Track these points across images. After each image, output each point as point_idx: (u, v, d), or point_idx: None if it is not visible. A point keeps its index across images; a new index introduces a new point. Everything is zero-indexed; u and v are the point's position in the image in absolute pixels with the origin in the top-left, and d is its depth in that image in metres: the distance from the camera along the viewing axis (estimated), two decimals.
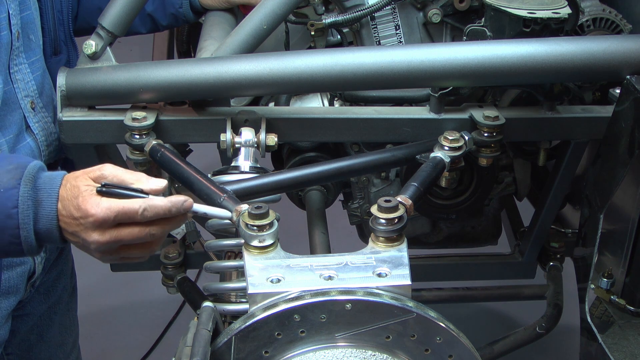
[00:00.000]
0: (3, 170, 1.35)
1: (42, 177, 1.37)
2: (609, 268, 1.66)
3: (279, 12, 1.82)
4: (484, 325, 3.36)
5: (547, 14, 1.66)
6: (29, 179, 1.35)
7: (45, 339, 2.01)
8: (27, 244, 1.35)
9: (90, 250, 1.37)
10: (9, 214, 1.33)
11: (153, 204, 1.34)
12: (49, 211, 1.34)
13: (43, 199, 1.34)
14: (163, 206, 1.34)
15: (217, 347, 1.31)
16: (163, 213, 1.34)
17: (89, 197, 1.33)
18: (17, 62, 1.67)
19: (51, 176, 1.38)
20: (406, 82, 1.70)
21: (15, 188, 1.33)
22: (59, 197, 1.35)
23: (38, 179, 1.36)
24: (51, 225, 1.35)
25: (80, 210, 1.32)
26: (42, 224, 1.35)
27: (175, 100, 1.78)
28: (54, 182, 1.36)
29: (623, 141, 1.53)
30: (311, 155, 2.09)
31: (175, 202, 1.35)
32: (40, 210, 1.34)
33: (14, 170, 1.35)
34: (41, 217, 1.35)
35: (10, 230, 1.33)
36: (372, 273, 1.35)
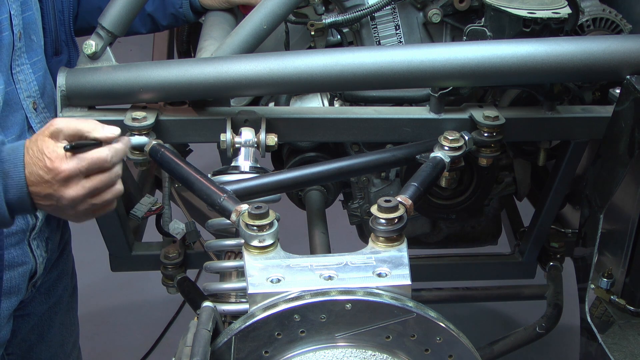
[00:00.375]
0: None
1: (5, 150, 1.41)
2: (609, 268, 1.66)
3: (279, 12, 1.82)
4: (484, 325, 3.36)
5: (547, 14, 1.66)
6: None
7: (46, 339, 2.01)
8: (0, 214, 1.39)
9: (65, 208, 1.42)
10: None
11: (116, 148, 1.43)
12: (18, 180, 1.39)
13: (9, 170, 1.39)
14: (122, 148, 1.44)
15: (217, 347, 1.31)
16: (123, 153, 1.44)
17: (55, 156, 1.37)
18: (19, 63, 1.67)
19: (13, 147, 1.42)
20: (406, 82, 1.70)
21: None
22: (24, 164, 1.39)
23: (1, 151, 1.40)
24: (21, 194, 1.39)
25: (50, 171, 1.37)
26: (12, 194, 1.39)
27: (175, 100, 1.78)
28: (17, 151, 1.41)
29: (623, 141, 1.53)
30: (311, 155, 2.09)
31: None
32: (9, 181, 1.39)
33: None
34: (10, 187, 1.39)
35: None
36: (372, 273, 1.35)
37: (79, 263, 2.17)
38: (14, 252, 1.70)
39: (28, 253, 1.74)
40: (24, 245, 1.72)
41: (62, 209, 1.42)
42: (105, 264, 2.28)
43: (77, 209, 1.43)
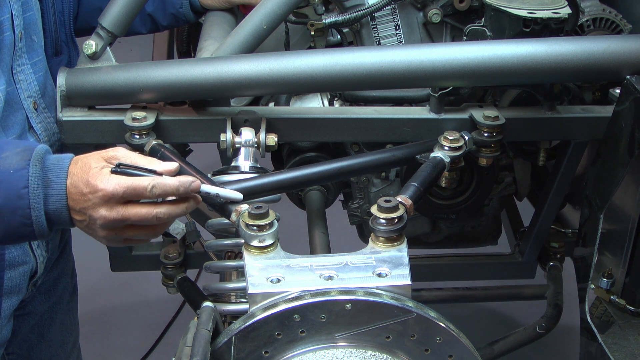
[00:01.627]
0: (11, 153, 1.37)
1: (50, 159, 1.39)
2: (609, 268, 1.66)
3: (279, 12, 1.82)
4: (484, 325, 3.36)
5: (547, 14, 1.66)
6: (38, 160, 1.37)
7: (46, 339, 2.01)
8: (38, 225, 1.37)
9: (96, 229, 1.38)
10: (20, 194, 1.34)
11: (162, 181, 1.36)
12: (58, 190, 1.36)
13: (52, 179, 1.36)
14: (171, 184, 1.37)
15: (217, 347, 1.31)
16: (171, 191, 1.37)
17: (99, 174, 1.35)
18: (19, 63, 1.67)
19: (59, 157, 1.40)
20: (406, 82, 1.70)
21: (25, 169, 1.35)
22: (67, 175, 1.36)
23: (46, 160, 1.38)
24: (60, 205, 1.36)
25: (90, 185, 1.34)
26: (51, 204, 1.36)
27: (175, 100, 1.78)
28: (62, 162, 1.38)
29: (623, 141, 1.53)
30: (311, 155, 2.09)
31: (184, 181, 1.38)
32: (50, 190, 1.36)
33: (22, 152, 1.37)
34: (51, 197, 1.36)
35: (21, 210, 1.35)
36: (372, 273, 1.35)
37: (79, 263, 2.17)
38: (15, 252, 1.70)
39: (29, 252, 1.74)
40: (24, 244, 1.72)
41: (92, 227, 1.39)
42: (105, 264, 2.28)
43: (108, 233, 1.39)
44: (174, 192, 1.37)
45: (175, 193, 1.37)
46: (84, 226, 1.40)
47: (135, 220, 1.37)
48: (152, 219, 1.38)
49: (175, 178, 1.38)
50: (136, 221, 1.37)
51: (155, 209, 1.37)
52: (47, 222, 1.38)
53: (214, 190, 1.44)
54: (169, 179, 1.37)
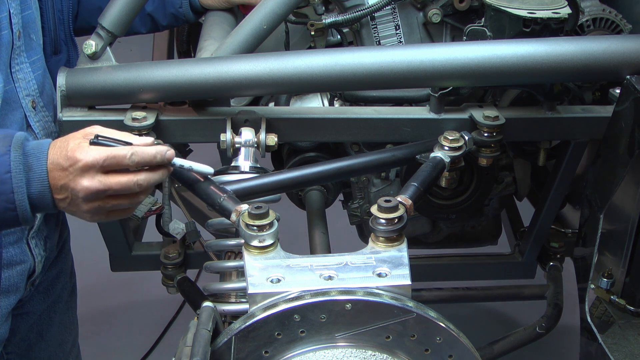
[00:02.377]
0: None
1: (30, 144, 1.41)
2: (609, 268, 1.66)
3: (279, 12, 1.82)
4: (484, 325, 3.36)
5: (547, 14, 1.66)
6: (18, 145, 1.38)
7: (45, 338, 2.01)
8: (21, 209, 1.38)
9: (79, 203, 1.39)
10: (2, 179, 1.36)
11: (140, 149, 1.39)
12: (40, 173, 1.38)
13: (33, 163, 1.38)
14: (149, 152, 1.40)
15: (217, 347, 1.31)
16: (149, 158, 1.40)
17: (78, 147, 1.37)
18: (18, 62, 1.67)
19: (39, 142, 1.42)
20: (406, 82, 1.70)
21: (6, 154, 1.37)
22: (47, 158, 1.38)
23: (26, 145, 1.40)
24: (43, 188, 1.38)
25: (69, 158, 1.36)
26: (34, 188, 1.38)
27: (175, 100, 1.78)
28: (42, 146, 1.40)
29: (623, 141, 1.53)
30: (311, 155, 2.09)
31: (160, 149, 1.41)
32: (31, 174, 1.38)
33: (1, 139, 1.39)
34: (33, 181, 1.38)
35: (4, 195, 1.36)
36: (372, 273, 1.35)
37: (79, 263, 2.17)
38: (13, 251, 1.70)
39: (26, 252, 1.74)
40: (22, 244, 1.72)
41: (75, 203, 1.40)
42: (105, 264, 2.28)
43: (91, 205, 1.40)
44: (151, 160, 1.40)
45: (152, 160, 1.40)
46: (67, 204, 1.41)
47: (117, 188, 1.38)
48: (133, 186, 1.40)
49: (152, 147, 1.42)
50: (118, 190, 1.39)
51: (136, 176, 1.40)
52: (30, 206, 1.39)
53: (186, 164, 1.48)
54: (147, 148, 1.41)
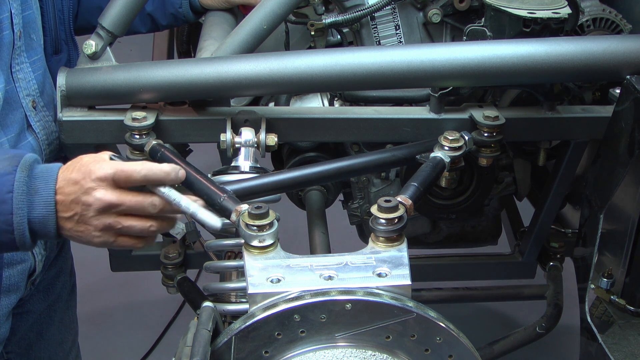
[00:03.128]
0: (0, 158, 1.35)
1: (39, 167, 1.37)
2: (609, 268, 1.66)
3: (279, 12, 1.82)
4: (484, 325, 3.36)
5: (547, 14, 1.66)
6: (26, 167, 1.34)
7: (45, 337, 2.01)
8: (19, 232, 1.33)
9: (88, 219, 1.34)
10: (3, 198, 1.31)
11: (151, 166, 1.36)
12: (46, 197, 1.33)
13: (40, 187, 1.34)
14: (162, 168, 1.36)
15: (217, 347, 1.31)
16: (162, 176, 1.36)
17: (92, 160, 1.35)
18: (18, 62, 1.67)
19: (48, 166, 1.38)
20: (406, 82, 1.70)
21: (11, 174, 1.32)
22: (57, 181, 1.34)
23: (35, 168, 1.36)
24: (48, 213, 1.33)
25: (83, 171, 1.33)
26: (37, 212, 1.33)
27: (175, 100, 1.78)
28: (50, 170, 1.36)
29: (623, 141, 1.53)
30: (311, 155, 2.09)
31: (174, 167, 1.38)
32: (37, 197, 1.33)
33: (10, 158, 1.36)
34: (37, 205, 1.33)
35: (3, 216, 1.32)
36: (372, 273, 1.35)
37: (79, 263, 2.17)
38: None
39: None
40: None
41: (85, 219, 1.34)
42: (105, 264, 2.28)
43: (101, 221, 1.34)
44: (164, 178, 1.37)
45: (165, 178, 1.37)
46: (74, 223, 1.35)
47: (131, 205, 1.35)
48: (148, 206, 1.36)
49: (164, 164, 1.38)
50: (132, 206, 1.35)
51: (152, 197, 1.36)
52: (30, 231, 1.34)
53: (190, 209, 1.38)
54: (160, 165, 1.38)
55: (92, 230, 1.37)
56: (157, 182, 1.37)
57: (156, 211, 1.37)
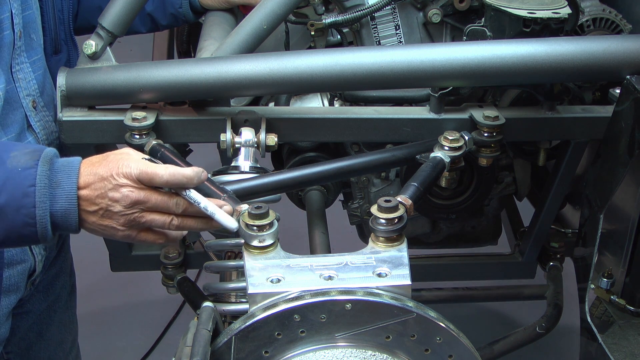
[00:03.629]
0: (20, 153, 1.37)
1: (60, 161, 1.38)
2: (609, 268, 1.66)
3: (279, 12, 1.82)
4: (484, 325, 3.36)
5: (547, 14, 1.66)
6: (47, 160, 1.36)
7: (45, 337, 2.01)
8: (41, 225, 1.34)
9: (114, 213, 1.37)
10: (26, 192, 1.33)
11: (174, 170, 1.38)
12: (69, 190, 1.35)
13: (62, 180, 1.35)
14: (184, 173, 1.38)
15: (217, 347, 1.31)
16: (184, 181, 1.38)
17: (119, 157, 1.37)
18: (18, 62, 1.67)
19: (68, 160, 1.39)
20: (406, 82, 1.70)
21: (33, 168, 1.34)
22: (79, 175, 1.36)
23: (55, 162, 1.38)
24: (70, 206, 1.35)
25: (109, 167, 1.35)
26: (59, 205, 1.35)
27: (175, 100, 1.78)
28: (72, 164, 1.38)
29: (623, 141, 1.53)
30: (311, 155, 2.09)
31: (197, 171, 1.40)
32: (59, 190, 1.35)
33: (31, 152, 1.37)
34: (59, 198, 1.35)
35: (25, 209, 1.33)
36: (372, 273, 1.35)
37: (79, 263, 2.17)
38: (13, 250, 1.70)
39: (27, 251, 1.74)
40: None
41: (110, 214, 1.37)
42: (105, 264, 2.28)
43: (127, 217, 1.37)
44: (189, 181, 1.39)
45: (190, 181, 1.39)
46: (98, 217, 1.38)
47: (157, 201, 1.37)
48: (172, 205, 1.39)
49: (188, 168, 1.40)
50: (158, 203, 1.37)
51: (176, 197, 1.39)
52: (51, 224, 1.36)
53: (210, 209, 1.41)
54: (182, 170, 1.39)
55: (116, 225, 1.39)
56: (179, 186, 1.39)
57: (180, 211, 1.40)
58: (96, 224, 1.39)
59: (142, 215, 1.39)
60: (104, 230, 1.40)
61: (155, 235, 1.44)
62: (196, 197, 1.40)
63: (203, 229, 1.46)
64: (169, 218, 1.41)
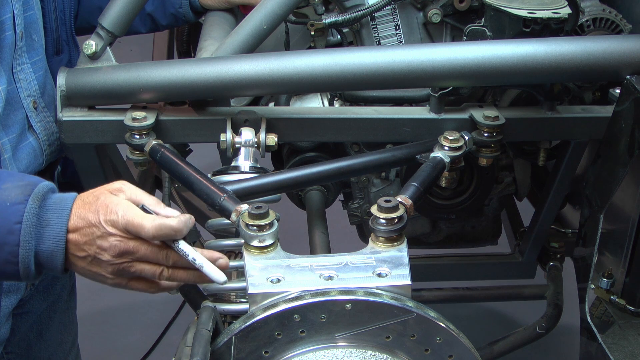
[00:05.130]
0: (12, 185, 1.31)
1: (53, 198, 1.32)
2: (609, 268, 1.66)
3: (279, 12, 1.82)
4: (484, 325, 3.36)
5: (547, 14, 1.66)
6: (38, 197, 1.30)
7: (45, 338, 2.01)
8: (24, 265, 1.29)
9: (102, 262, 1.32)
10: (11, 229, 1.27)
11: (161, 223, 1.31)
12: (58, 232, 1.29)
13: (52, 219, 1.29)
14: (172, 226, 1.31)
15: (217, 347, 1.31)
16: (172, 234, 1.32)
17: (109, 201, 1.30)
18: (19, 62, 1.67)
19: (62, 197, 1.33)
20: (406, 82, 1.70)
21: (22, 204, 1.28)
22: (70, 215, 1.30)
23: (48, 199, 1.31)
24: (57, 247, 1.29)
25: (98, 212, 1.29)
26: (46, 245, 1.29)
27: (175, 100, 1.78)
28: (65, 202, 1.32)
29: (623, 141, 1.53)
30: (311, 155, 2.09)
31: (185, 221, 1.33)
32: (47, 230, 1.29)
33: (24, 186, 1.31)
34: (46, 238, 1.29)
35: (9, 247, 1.28)
36: (372, 273, 1.35)
37: None
38: None
39: None
40: None
41: (98, 262, 1.32)
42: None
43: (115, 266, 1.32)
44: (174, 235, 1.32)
45: (176, 236, 1.33)
46: (87, 263, 1.32)
47: (146, 253, 1.32)
48: (162, 257, 1.33)
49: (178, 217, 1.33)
50: (147, 254, 1.32)
51: (166, 249, 1.34)
52: (35, 264, 1.30)
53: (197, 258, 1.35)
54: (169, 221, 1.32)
55: (105, 273, 1.35)
56: (167, 239, 1.33)
57: (170, 262, 1.35)
58: (85, 270, 1.35)
59: (131, 265, 1.33)
60: (94, 276, 1.36)
61: (147, 284, 1.39)
62: (185, 249, 1.34)
63: (195, 281, 1.40)
64: (159, 269, 1.35)
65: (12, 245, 1.28)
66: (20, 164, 1.68)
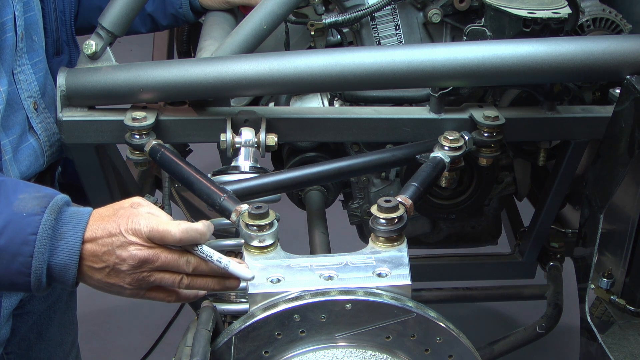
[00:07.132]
0: (29, 196, 1.30)
1: (69, 211, 1.31)
2: (609, 268, 1.66)
3: (279, 12, 1.82)
4: (484, 325, 3.36)
5: (547, 14, 1.66)
6: (55, 209, 1.29)
7: (45, 338, 2.01)
8: (36, 277, 1.27)
9: (121, 272, 1.30)
10: (26, 240, 1.26)
11: (187, 227, 1.30)
12: (72, 244, 1.28)
13: (67, 232, 1.28)
14: (197, 229, 1.30)
15: (217, 347, 1.31)
16: (197, 237, 1.31)
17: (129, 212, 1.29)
18: (20, 63, 1.67)
19: (78, 211, 1.31)
20: (406, 82, 1.70)
21: (39, 215, 1.27)
22: (86, 229, 1.29)
23: (64, 212, 1.30)
24: (70, 261, 1.28)
25: (118, 223, 1.28)
26: (59, 258, 1.28)
27: (175, 100, 1.78)
28: (81, 216, 1.30)
29: (623, 141, 1.53)
30: (311, 155, 2.09)
31: (208, 225, 1.33)
32: (61, 243, 1.28)
33: (40, 197, 1.30)
34: (60, 251, 1.27)
35: (22, 257, 1.26)
36: (372, 273, 1.35)
37: None
38: None
39: None
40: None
41: (117, 272, 1.29)
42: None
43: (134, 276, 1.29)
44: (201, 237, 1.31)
45: (202, 238, 1.31)
46: (105, 274, 1.30)
47: (167, 260, 1.30)
48: (182, 263, 1.31)
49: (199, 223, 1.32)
50: (167, 261, 1.30)
51: (187, 255, 1.32)
52: (47, 277, 1.28)
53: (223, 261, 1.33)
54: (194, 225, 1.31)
55: (123, 284, 1.32)
56: (192, 243, 1.31)
57: (191, 269, 1.32)
58: (102, 282, 1.32)
59: (150, 274, 1.31)
60: (110, 288, 1.33)
61: (165, 293, 1.37)
62: (208, 252, 1.33)
63: (214, 289, 1.38)
64: (178, 277, 1.32)
65: (25, 256, 1.26)
66: (21, 165, 1.68)
